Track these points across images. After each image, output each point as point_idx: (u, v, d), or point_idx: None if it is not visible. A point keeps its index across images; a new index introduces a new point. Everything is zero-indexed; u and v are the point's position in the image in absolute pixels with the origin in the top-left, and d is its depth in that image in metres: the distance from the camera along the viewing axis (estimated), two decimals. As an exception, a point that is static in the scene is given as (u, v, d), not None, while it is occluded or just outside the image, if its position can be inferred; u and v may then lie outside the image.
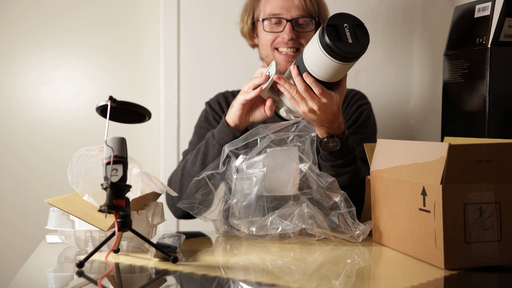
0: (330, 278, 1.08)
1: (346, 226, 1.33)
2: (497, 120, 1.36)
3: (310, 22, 1.71)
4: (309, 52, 1.36)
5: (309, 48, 1.36)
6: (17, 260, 2.20)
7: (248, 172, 1.38)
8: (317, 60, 1.34)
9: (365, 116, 1.76)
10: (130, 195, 1.32)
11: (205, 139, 1.59)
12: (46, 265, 1.22)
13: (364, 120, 1.75)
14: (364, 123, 1.75)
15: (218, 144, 1.54)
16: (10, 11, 2.32)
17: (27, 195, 2.33)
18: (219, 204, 1.43)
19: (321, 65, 1.34)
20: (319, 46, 1.31)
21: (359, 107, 1.76)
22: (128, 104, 1.15)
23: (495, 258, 1.11)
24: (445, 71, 1.49)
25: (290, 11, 1.70)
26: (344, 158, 1.49)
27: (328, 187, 1.35)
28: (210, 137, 1.57)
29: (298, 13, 1.70)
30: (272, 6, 1.72)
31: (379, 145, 1.33)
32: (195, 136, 1.82)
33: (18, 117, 2.33)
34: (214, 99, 1.89)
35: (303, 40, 1.73)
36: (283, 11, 1.70)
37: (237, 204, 1.37)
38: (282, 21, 1.70)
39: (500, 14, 1.35)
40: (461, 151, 1.08)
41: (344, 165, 1.49)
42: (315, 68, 1.35)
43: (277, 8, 1.71)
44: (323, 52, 1.31)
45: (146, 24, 2.36)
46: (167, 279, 1.10)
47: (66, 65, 2.35)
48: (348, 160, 1.50)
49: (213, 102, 1.87)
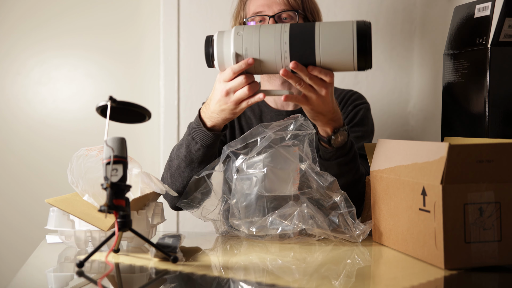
0: (330, 278, 1.08)
1: (346, 226, 1.33)
2: (497, 120, 1.36)
3: (293, 15, 1.69)
4: (328, 46, 1.31)
5: (329, 43, 1.31)
6: (17, 260, 2.21)
7: (248, 172, 1.38)
8: (336, 56, 1.30)
9: (362, 115, 1.75)
10: (130, 195, 1.32)
11: (184, 141, 1.50)
12: (46, 265, 1.22)
13: (361, 118, 1.74)
14: (361, 121, 1.73)
15: (202, 147, 1.48)
16: (10, 11, 2.32)
17: (27, 195, 2.33)
18: (219, 204, 1.43)
19: (337, 61, 1.31)
20: (353, 47, 1.28)
21: (355, 106, 1.75)
22: (128, 104, 1.15)
23: (495, 258, 1.11)
24: (445, 71, 1.49)
25: (271, 7, 1.68)
26: (349, 152, 1.47)
27: (328, 186, 1.35)
28: (190, 140, 1.49)
29: (280, 8, 1.68)
30: (254, 5, 1.71)
31: (379, 145, 1.33)
32: None
33: (18, 117, 2.33)
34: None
35: None
36: (265, 8, 1.68)
37: (237, 204, 1.37)
38: (266, 18, 1.69)
39: (500, 14, 1.35)
40: (461, 151, 1.08)
41: (349, 161, 1.48)
42: (328, 60, 1.31)
43: (259, 6, 1.70)
44: (353, 53, 1.28)
45: (146, 24, 2.36)
46: (167, 279, 1.10)
47: (66, 65, 2.35)
48: (353, 155, 1.49)
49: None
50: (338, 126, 1.43)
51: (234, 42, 1.32)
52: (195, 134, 1.47)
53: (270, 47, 1.31)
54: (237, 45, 1.32)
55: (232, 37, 1.32)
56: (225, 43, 1.33)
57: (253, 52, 1.32)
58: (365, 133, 1.72)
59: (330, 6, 2.34)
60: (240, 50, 1.32)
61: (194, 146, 1.48)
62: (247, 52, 1.32)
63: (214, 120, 1.44)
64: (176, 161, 1.52)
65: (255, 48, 1.31)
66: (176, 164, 1.52)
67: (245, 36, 1.32)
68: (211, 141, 1.47)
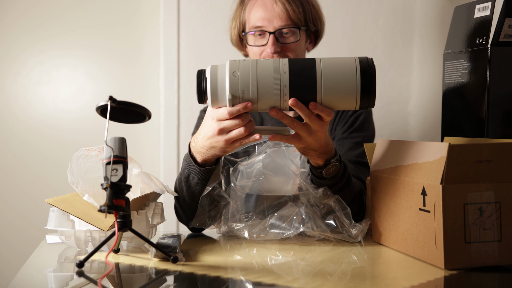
0: (330, 278, 1.08)
1: (343, 228, 1.33)
2: (497, 120, 1.36)
3: (296, 31, 1.64)
4: (330, 85, 1.23)
5: (331, 82, 1.23)
6: (17, 260, 2.21)
7: (248, 172, 1.38)
8: (339, 95, 1.22)
9: (362, 119, 1.71)
10: (130, 195, 1.32)
11: (183, 176, 1.42)
12: (46, 265, 1.22)
13: (361, 123, 1.70)
14: (361, 126, 1.70)
15: (200, 181, 1.39)
16: (10, 11, 2.32)
17: (27, 195, 2.33)
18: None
19: (339, 100, 1.23)
20: (356, 87, 1.21)
21: (356, 111, 1.72)
22: (128, 104, 1.15)
23: (495, 258, 1.11)
24: (445, 71, 1.49)
25: (272, 22, 1.63)
26: (341, 179, 1.39)
27: (322, 196, 1.35)
28: (187, 175, 1.41)
29: (281, 23, 1.62)
30: (255, 18, 1.65)
31: (379, 145, 1.33)
32: None
33: (18, 117, 2.33)
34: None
35: (289, 51, 1.65)
36: (265, 23, 1.63)
37: (236, 205, 1.37)
38: (266, 33, 1.64)
39: (500, 14, 1.35)
40: (461, 151, 1.08)
41: (342, 187, 1.40)
42: (330, 100, 1.23)
43: (259, 20, 1.64)
44: (357, 93, 1.22)
45: (146, 24, 2.36)
46: (167, 279, 1.10)
47: (66, 65, 2.35)
48: (347, 181, 1.41)
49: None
50: (330, 158, 1.34)
51: (230, 83, 1.21)
52: (190, 169, 1.39)
53: (269, 89, 1.21)
54: (233, 87, 1.21)
55: (228, 78, 1.21)
56: (219, 83, 1.23)
57: (250, 95, 1.22)
58: (364, 138, 1.67)
59: (330, 7, 2.34)
60: (237, 92, 1.21)
61: (192, 181, 1.40)
62: (243, 94, 1.22)
63: (203, 156, 1.35)
64: (181, 195, 1.45)
65: (252, 90, 1.21)
66: (181, 198, 1.46)
67: (241, 77, 1.21)
68: (207, 175, 1.38)
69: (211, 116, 1.28)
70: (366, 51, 2.38)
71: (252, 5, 1.68)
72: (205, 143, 1.31)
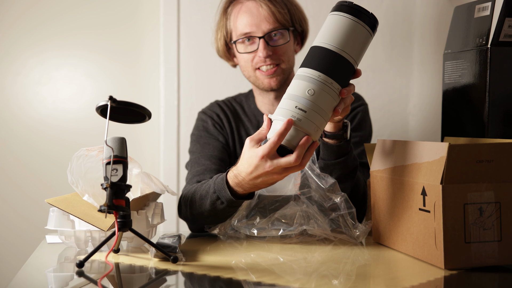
0: (331, 277, 1.08)
1: (346, 227, 1.33)
2: (497, 120, 1.36)
3: (285, 33, 1.63)
4: (329, 29, 1.35)
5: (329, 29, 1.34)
6: (17, 260, 2.21)
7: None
8: (342, 31, 1.33)
9: (360, 118, 1.70)
10: (130, 195, 1.32)
11: (209, 197, 1.37)
12: (46, 265, 1.22)
13: (358, 122, 1.69)
14: (359, 125, 1.69)
15: (229, 207, 1.35)
16: (10, 11, 2.32)
17: (27, 195, 2.33)
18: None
19: (351, 39, 1.31)
20: (348, 17, 1.32)
21: (353, 110, 1.71)
22: (128, 104, 1.15)
23: (495, 258, 1.11)
24: (445, 71, 1.49)
25: (260, 27, 1.61)
26: (351, 150, 1.43)
27: (329, 189, 1.34)
28: (215, 199, 1.35)
29: (270, 26, 1.61)
30: (241, 25, 1.63)
31: (379, 145, 1.33)
32: (197, 144, 1.70)
33: (18, 117, 2.33)
34: (211, 109, 1.78)
35: (281, 54, 1.64)
36: (253, 28, 1.61)
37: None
38: (255, 38, 1.62)
39: (500, 14, 1.35)
40: (461, 151, 1.08)
41: (352, 161, 1.43)
42: (346, 45, 1.32)
43: (246, 26, 1.62)
44: (353, 20, 1.31)
45: (146, 24, 2.36)
46: (167, 279, 1.10)
47: (66, 65, 2.35)
48: (354, 157, 1.44)
49: (210, 112, 1.76)
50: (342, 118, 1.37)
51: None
52: (221, 195, 1.33)
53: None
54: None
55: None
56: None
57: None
58: (362, 138, 1.67)
59: (329, 6, 2.33)
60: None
61: (220, 205, 1.35)
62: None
63: (247, 190, 1.31)
64: (199, 209, 1.41)
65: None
66: (198, 210, 1.41)
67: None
68: (238, 204, 1.35)
69: (267, 157, 1.22)
70: (366, 51, 2.37)
71: (236, 13, 1.65)
72: (257, 181, 1.26)
